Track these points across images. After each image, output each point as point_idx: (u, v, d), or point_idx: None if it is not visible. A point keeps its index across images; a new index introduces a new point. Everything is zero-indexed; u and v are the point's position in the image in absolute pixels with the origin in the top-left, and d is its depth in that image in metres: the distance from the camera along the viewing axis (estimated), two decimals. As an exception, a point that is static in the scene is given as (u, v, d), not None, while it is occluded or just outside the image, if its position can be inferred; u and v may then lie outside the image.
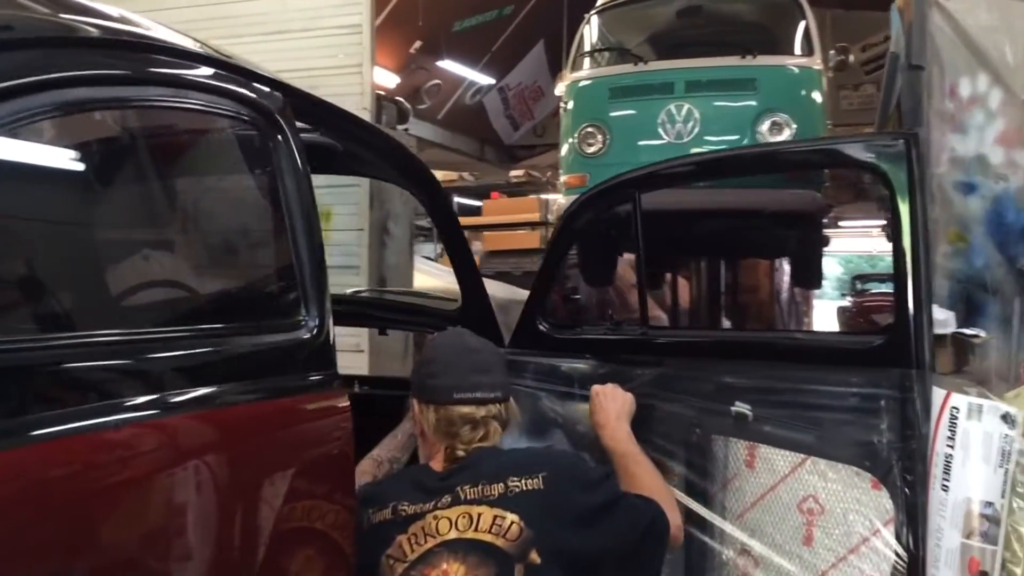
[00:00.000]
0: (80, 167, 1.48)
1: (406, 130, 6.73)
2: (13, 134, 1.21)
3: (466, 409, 2.01)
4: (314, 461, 1.65)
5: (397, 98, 6.69)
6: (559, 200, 6.80)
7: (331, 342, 1.76)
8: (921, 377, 2.04)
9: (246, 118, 1.67)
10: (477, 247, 10.81)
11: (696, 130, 6.17)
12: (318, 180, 5.75)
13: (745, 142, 6.16)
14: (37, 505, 1.13)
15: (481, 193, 11.61)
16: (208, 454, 1.41)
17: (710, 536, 2.41)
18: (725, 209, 6.08)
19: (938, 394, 2.02)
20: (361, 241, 5.75)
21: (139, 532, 1.30)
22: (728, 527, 2.40)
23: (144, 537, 1.31)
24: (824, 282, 8.43)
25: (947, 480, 1.99)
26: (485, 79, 12.21)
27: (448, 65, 11.18)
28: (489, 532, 1.83)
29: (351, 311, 3.00)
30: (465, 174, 12.47)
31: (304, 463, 1.62)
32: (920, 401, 2.04)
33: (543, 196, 10.19)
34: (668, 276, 8.95)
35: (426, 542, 1.86)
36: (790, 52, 6.65)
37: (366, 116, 5.79)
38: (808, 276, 7.57)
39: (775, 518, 2.35)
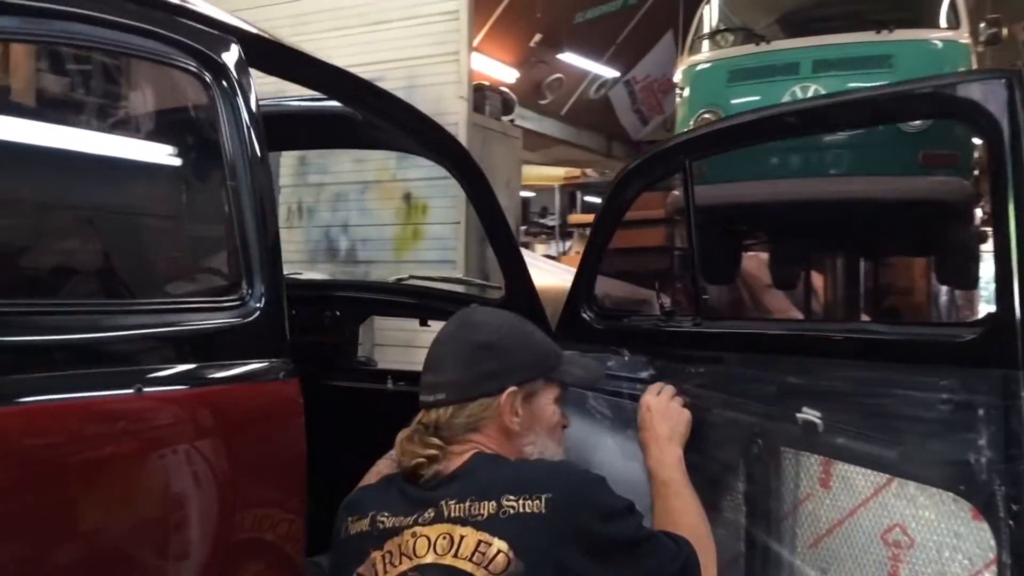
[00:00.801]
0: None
1: (512, 121, 6.49)
2: None
3: (419, 415, 1.74)
4: (243, 462, 1.40)
5: (502, 88, 6.47)
6: (673, 192, 6.40)
7: (283, 325, 1.51)
8: (1031, 380, 1.60)
9: (177, 63, 1.43)
10: (601, 245, 10.43)
11: (824, 114, 5.65)
12: (415, 172, 5.61)
13: (881, 128, 5.61)
14: None
15: (605, 190, 11.22)
16: (93, 448, 1.17)
17: (776, 568, 2.04)
18: (855, 199, 5.59)
19: (1053, 402, 1.58)
20: (457, 235, 5.56)
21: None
22: (798, 559, 2.02)
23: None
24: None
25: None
26: (610, 72, 11.81)
27: (570, 58, 10.84)
28: (470, 560, 1.52)
29: (389, 300, 2.77)
30: (588, 170, 12.12)
31: (230, 464, 1.37)
32: (1030, 410, 1.60)
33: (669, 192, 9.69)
34: (802, 274, 8.38)
35: (400, 563, 1.58)
36: (933, 25, 6.03)
37: (463, 105, 5.59)
38: (959, 275, 6.89)
39: (854, 550, 1.96)
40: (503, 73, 9.74)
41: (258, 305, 1.47)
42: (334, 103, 2.23)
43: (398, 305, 2.77)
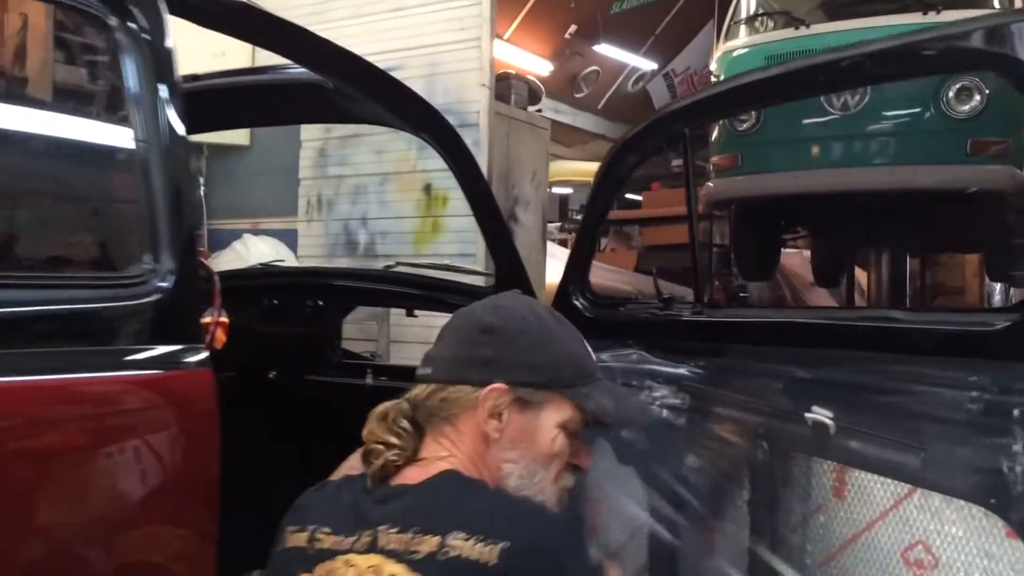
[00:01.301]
0: None
1: (539, 111, 6.28)
2: None
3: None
4: (130, 467, 1.20)
5: (529, 77, 6.26)
6: (708, 185, 6.17)
7: (197, 308, 1.32)
8: (1075, 376, 1.36)
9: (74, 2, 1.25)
10: (638, 242, 10.22)
11: (866, 101, 5.41)
12: (435, 163, 5.43)
13: (928, 114, 5.33)
14: None
15: (642, 185, 10.95)
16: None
17: (784, 588, 1.81)
18: (899, 189, 5.30)
19: (1102, 401, 1.33)
20: (477, 227, 5.34)
21: None
22: (808, 578, 1.79)
23: None
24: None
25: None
26: (648, 64, 11.51)
27: (606, 50, 10.55)
28: None
29: (376, 289, 2.58)
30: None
31: (112, 469, 1.17)
32: (1074, 411, 1.35)
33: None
34: (845, 271, 8.06)
35: None
36: (984, 6, 5.71)
37: (484, 93, 5.39)
38: (1011, 271, 6.54)
39: (871, 568, 1.73)
40: (537, 65, 9.52)
41: (164, 284, 1.28)
42: (302, 71, 2.04)
43: (385, 294, 2.59)
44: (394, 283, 2.60)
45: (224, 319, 2.68)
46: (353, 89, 1.99)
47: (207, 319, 2.48)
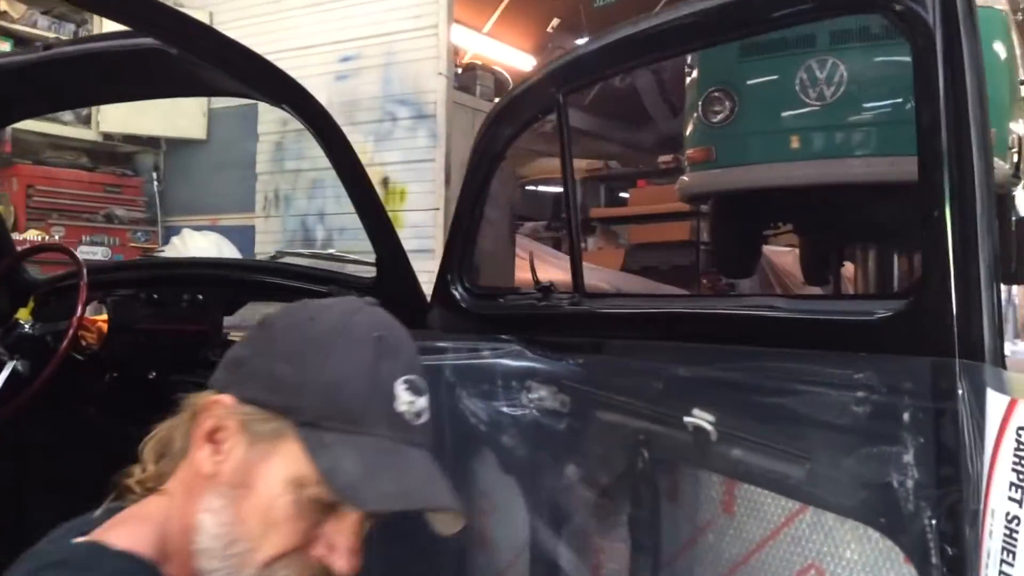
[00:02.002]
0: None
1: (507, 103, 6.05)
2: None
3: None
4: None
5: (495, 68, 6.05)
6: (682, 179, 5.99)
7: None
8: (969, 372, 1.13)
9: None
10: (624, 241, 10.00)
11: (843, 90, 5.21)
12: (392, 156, 5.24)
13: (908, 105, 5.09)
14: None
15: (630, 182, 10.69)
16: None
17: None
18: (875, 182, 5.09)
19: (997, 403, 1.10)
20: (436, 222, 5.16)
21: None
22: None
23: None
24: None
25: (1012, 551, 1.07)
26: (636, 59, 11.21)
27: (591, 44, 10.31)
28: None
29: (261, 282, 2.37)
30: (612, 162, 11.58)
31: None
32: (968, 414, 1.12)
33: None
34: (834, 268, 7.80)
35: None
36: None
37: (442, 82, 5.18)
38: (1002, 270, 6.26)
39: (761, 596, 1.50)
40: (518, 59, 9.28)
41: None
42: (141, 38, 1.82)
43: (268, 287, 2.37)
44: (277, 275, 2.40)
45: (101, 317, 2.48)
46: (197, 56, 1.78)
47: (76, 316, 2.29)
